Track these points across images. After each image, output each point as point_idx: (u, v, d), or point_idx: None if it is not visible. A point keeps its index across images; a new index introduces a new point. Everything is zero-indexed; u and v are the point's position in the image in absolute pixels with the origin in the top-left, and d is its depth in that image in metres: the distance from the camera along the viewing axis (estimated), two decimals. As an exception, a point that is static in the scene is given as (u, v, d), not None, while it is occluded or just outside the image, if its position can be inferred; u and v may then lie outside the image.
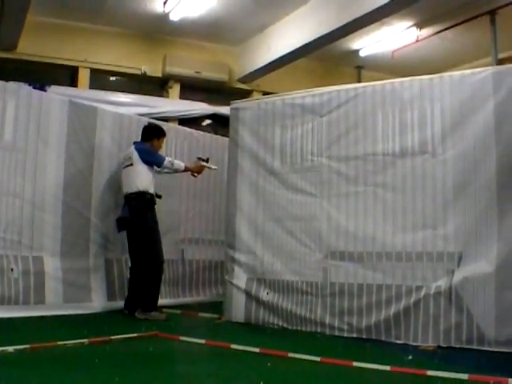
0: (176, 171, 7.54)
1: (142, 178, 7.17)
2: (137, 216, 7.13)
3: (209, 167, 7.68)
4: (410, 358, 4.98)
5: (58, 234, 7.22)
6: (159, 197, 7.42)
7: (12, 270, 6.74)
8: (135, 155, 7.20)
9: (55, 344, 5.06)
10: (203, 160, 7.63)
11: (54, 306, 6.89)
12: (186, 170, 7.57)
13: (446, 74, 5.95)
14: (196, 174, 7.71)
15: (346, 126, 6.35)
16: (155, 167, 7.31)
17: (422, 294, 5.63)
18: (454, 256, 5.56)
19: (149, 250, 7.08)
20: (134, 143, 7.43)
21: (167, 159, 7.32)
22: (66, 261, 7.17)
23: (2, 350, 4.68)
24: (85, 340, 5.28)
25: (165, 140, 7.75)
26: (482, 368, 4.54)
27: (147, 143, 7.40)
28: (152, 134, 7.50)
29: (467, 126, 5.62)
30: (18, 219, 6.86)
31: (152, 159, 7.27)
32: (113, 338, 5.49)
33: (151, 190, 7.20)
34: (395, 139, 6.00)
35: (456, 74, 5.90)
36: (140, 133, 7.86)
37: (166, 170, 7.47)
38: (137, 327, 6.13)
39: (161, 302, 7.90)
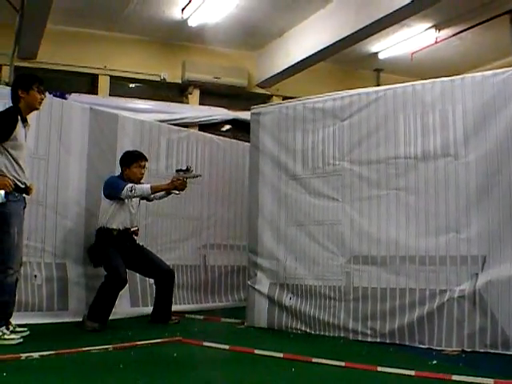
0: (141, 196, 6.92)
1: (101, 214, 6.92)
2: (93, 250, 6.93)
3: (193, 176, 6.88)
4: (435, 362, 4.95)
5: (81, 240, 7.27)
6: (126, 230, 6.96)
7: (35, 276, 6.79)
8: None
9: (80, 350, 5.08)
10: (183, 171, 6.83)
11: (77, 312, 6.88)
12: (161, 190, 6.95)
13: (468, 76, 5.91)
14: (177, 192, 6.96)
15: (367, 130, 6.31)
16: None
17: (446, 297, 5.58)
18: (477, 259, 5.50)
19: (108, 270, 6.68)
20: None
21: (127, 187, 6.62)
22: (89, 267, 7.17)
23: (27, 356, 4.71)
24: (109, 346, 5.30)
25: (147, 164, 7.14)
26: (508, 372, 4.51)
27: (122, 174, 7.03)
28: (121, 163, 7.09)
29: (490, 127, 5.56)
30: (41, 226, 6.91)
31: (109, 192, 6.85)
32: (137, 343, 5.51)
33: (111, 225, 6.83)
34: (417, 142, 5.96)
35: (478, 75, 5.83)
36: (160, 139, 7.92)
37: (152, 197, 7.11)
38: (160, 333, 6.14)
39: (183, 307, 8.00)
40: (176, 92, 12.58)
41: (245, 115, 10.35)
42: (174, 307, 7.32)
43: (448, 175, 5.75)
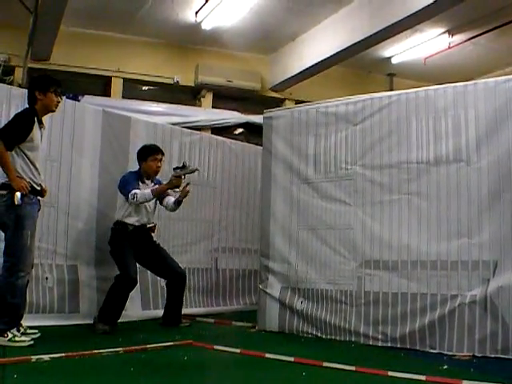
0: (145, 202, 6.77)
1: (118, 208, 6.98)
2: (110, 243, 6.94)
3: (190, 171, 6.83)
4: (446, 367, 4.93)
5: (93, 242, 7.28)
6: (143, 226, 6.96)
7: (47, 278, 6.80)
8: None
9: (90, 352, 5.08)
10: (180, 168, 6.80)
11: (88, 314, 6.87)
12: (162, 190, 6.88)
13: (480, 81, 5.90)
14: (176, 189, 6.93)
15: (379, 134, 6.30)
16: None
17: (457, 302, 5.58)
18: (489, 264, 5.49)
19: (119, 268, 6.74)
20: None
21: (130, 194, 6.62)
22: (100, 269, 7.20)
23: (38, 359, 4.71)
24: (120, 348, 5.29)
25: (163, 158, 7.17)
26: (519, 378, 4.50)
27: (139, 169, 7.06)
28: (137, 158, 7.10)
29: (502, 133, 5.56)
30: (53, 228, 6.92)
31: (121, 190, 6.88)
32: (148, 346, 5.50)
33: (126, 220, 6.83)
34: (429, 147, 5.95)
35: (490, 80, 5.84)
36: (173, 142, 7.91)
37: (170, 207, 7.13)
38: (171, 336, 6.13)
39: (194, 310, 7.99)
40: (189, 95, 12.61)
41: (257, 119, 10.38)
42: (185, 310, 7.34)
43: (460, 180, 5.74)
